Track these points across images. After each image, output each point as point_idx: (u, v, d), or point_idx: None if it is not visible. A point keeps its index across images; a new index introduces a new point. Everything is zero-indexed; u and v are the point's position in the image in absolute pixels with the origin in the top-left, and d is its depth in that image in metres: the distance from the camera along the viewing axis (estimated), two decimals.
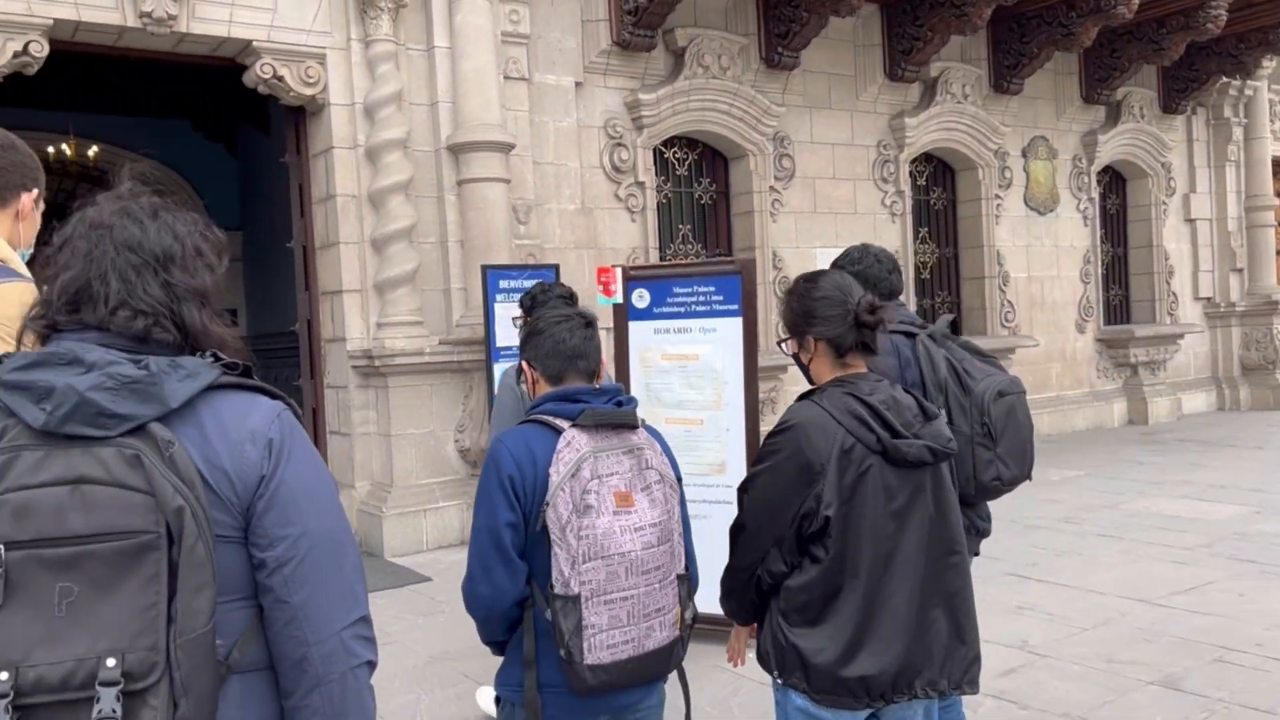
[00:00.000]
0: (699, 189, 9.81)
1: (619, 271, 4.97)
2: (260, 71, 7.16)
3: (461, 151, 7.52)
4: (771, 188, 9.87)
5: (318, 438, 7.83)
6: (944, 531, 2.20)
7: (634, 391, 5.02)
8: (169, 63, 7.52)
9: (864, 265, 3.05)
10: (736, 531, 2.31)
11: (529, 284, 7.44)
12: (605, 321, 8.62)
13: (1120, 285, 13.49)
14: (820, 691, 2.13)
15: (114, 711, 1.16)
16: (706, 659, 4.69)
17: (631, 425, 2.25)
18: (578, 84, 8.67)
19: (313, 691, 1.39)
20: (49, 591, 1.19)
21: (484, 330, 7.17)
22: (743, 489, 2.30)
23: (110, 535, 1.21)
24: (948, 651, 2.18)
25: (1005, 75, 11.35)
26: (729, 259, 4.94)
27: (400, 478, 7.33)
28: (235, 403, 1.38)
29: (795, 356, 2.38)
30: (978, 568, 2.67)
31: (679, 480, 2.32)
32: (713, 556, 4.95)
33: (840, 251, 3.27)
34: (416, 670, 4.84)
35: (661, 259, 9.21)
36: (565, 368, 2.33)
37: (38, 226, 2.03)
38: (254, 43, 7.05)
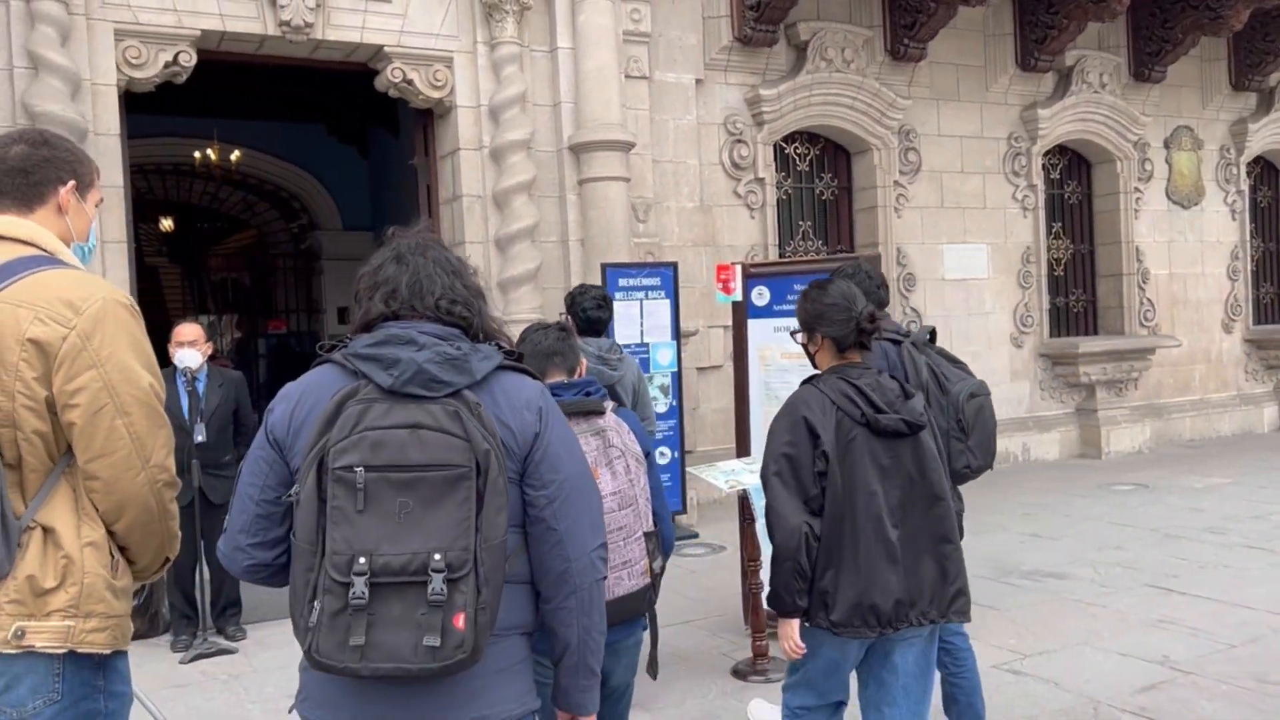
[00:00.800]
0: (820, 185, 9.67)
1: (738, 269, 4.93)
2: (391, 75, 7.38)
3: (583, 151, 7.60)
4: (896, 182, 9.65)
5: None
6: (927, 489, 2.64)
7: (752, 389, 4.97)
8: (304, 69, 7.82)
9: (856, 280, 3.38)
10: (776, 505, 2.64)
11: (648, 282, 7.49)
12: (724, 319, 8.62)
13: (1272, 282, 12.70)
14: (840, 625, 2.59)
15: (441, 591, 1.60)
16: None
17: (598, 411, 2.63)
18: (698, 81, 8.64)
19: (570, 596, 1.85)
20: (392, 504, 1.62)
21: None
22: (768, 471, 2.69)
23: (438, 466, 1.64)
24: (935, 588, 2.63)
25: (1146, 63, 10.81)
26: (851, 254, 4.83)
27: None
28: (514, 379, 1.85)
29: (804, 347, 2.90)
30: (1114, 578, 2.64)
31: (648, 454, 2.69)
32: None
33: (961, 246, 3.45)
34: None
35: (781, 256, 9.11)
36: (545, 365, 2.72)
37: (91, 218, 2.07)
38: (385, 48, 7.27)
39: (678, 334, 7.44)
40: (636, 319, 7.29)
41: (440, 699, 1.73)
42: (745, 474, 4.49)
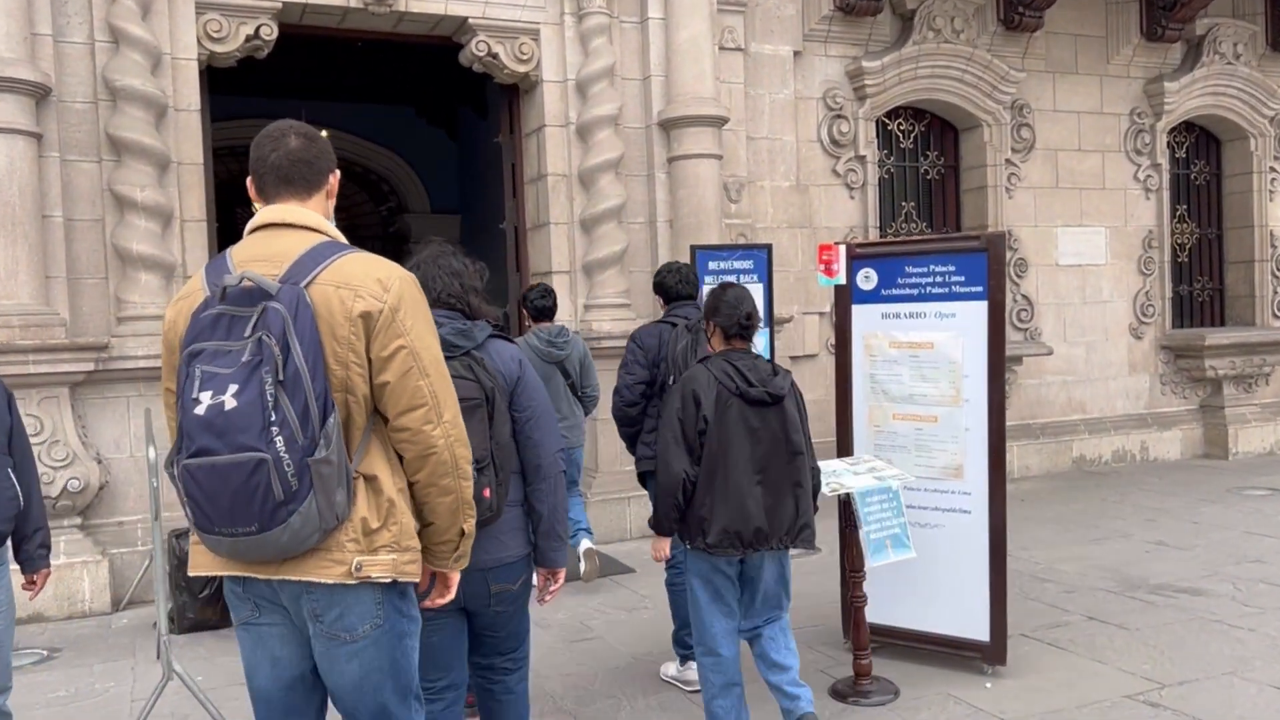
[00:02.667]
0: (925, 163, 9.10)
1: (843, 250, 4.49)
2: (475, 49, 7.09)
3: (673, 127, 7.21)
4: (1008, 161, 9.02)
5: None
6: (787, 445, 3.46)
7: (857, 382, 4.54)
8: (390, 43, 7.59)
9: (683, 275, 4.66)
10: (665, 455, 3.35)
11: (740, 265, 7.07)
12: (821, 305, 8.19)
13: None
14: (713, 547, 3.32)
15: (475, 478, 2.32)
16: (930, 684, 4.18)
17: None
18: (796, 53, 8.17)
19: (543, 481, 2.81)
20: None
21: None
22: (664, 431, 3.38)
23: (463, 399, 2.36)
24: (790, 520, 3.42)
25: None
26: (973, 234, 4.35)
27: (605, 463, 7.13)
28: (501, 344, 2.86)
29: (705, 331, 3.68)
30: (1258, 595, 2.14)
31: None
32: (943, 568, 4.45)
33: (1077, 230, 3.06)
34: (618, 671, 4.58)
35: (882, 238, 8.59)
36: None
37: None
38: (469, 20, 6.99)
39: (771, 320, 7.01)
40: None
41: (479, 542, 2.54)
42: (848, 476, 4.07)
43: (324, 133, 12.64)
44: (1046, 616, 5.07)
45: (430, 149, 13.96)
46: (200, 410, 1.95)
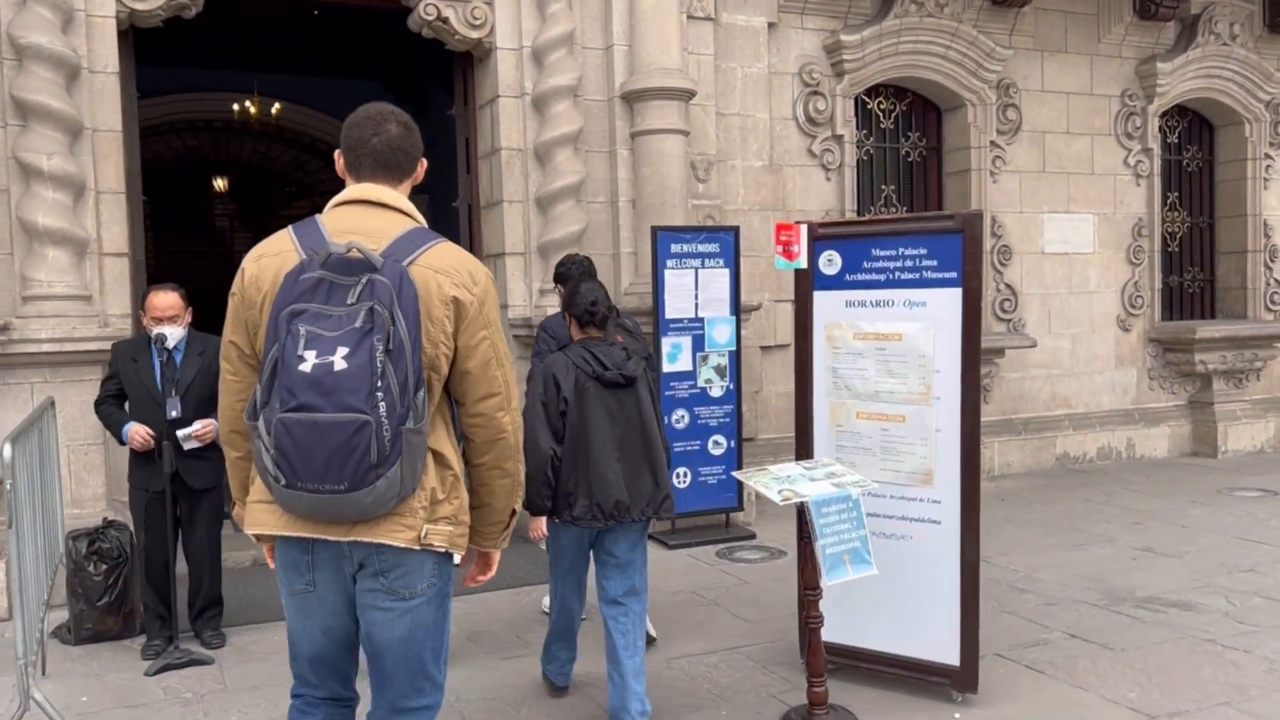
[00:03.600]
0: (906, 145, 8.65)
1: (803, 230, 4.04)
2: (424, 13, 6.60)
3: (636, 100, 6.74)
4: (993, 143, 8.58)
5: None
6: (644, 427, 3.67)
7: (818, 377, 4.09)
8: (349, 10, 7.09)
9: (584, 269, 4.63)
10: (532, 435, 3.49)
11: (704, 248, 6.62)
12: (786, 292, 7.76)
13: None
14: (578, 519, 3.55)
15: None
16: (893, 713, 3.76)
17: None
18: (770, 25, 7.70)
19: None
20: None
21: (653, 299, 6.38)
22: (530, 414, 3.53)
23: None
24: (650, 493, 3.66)
25: None
26: (946, 214, 3.90)
27: None
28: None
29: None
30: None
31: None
32: (910, 584, 4.01)
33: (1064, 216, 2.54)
34: None
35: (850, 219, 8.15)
36: None
37: None
38: None
39: (737, 308, 6.56)
40: (690, 290, 6.43)
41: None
42: (804, 482, 3.63)
43: (276, 105, 12.13)
44: (1024, 634, 4.65)
45: None
46: (305, 368, 2.01)
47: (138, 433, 4.50)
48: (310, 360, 2.01)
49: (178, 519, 4.70)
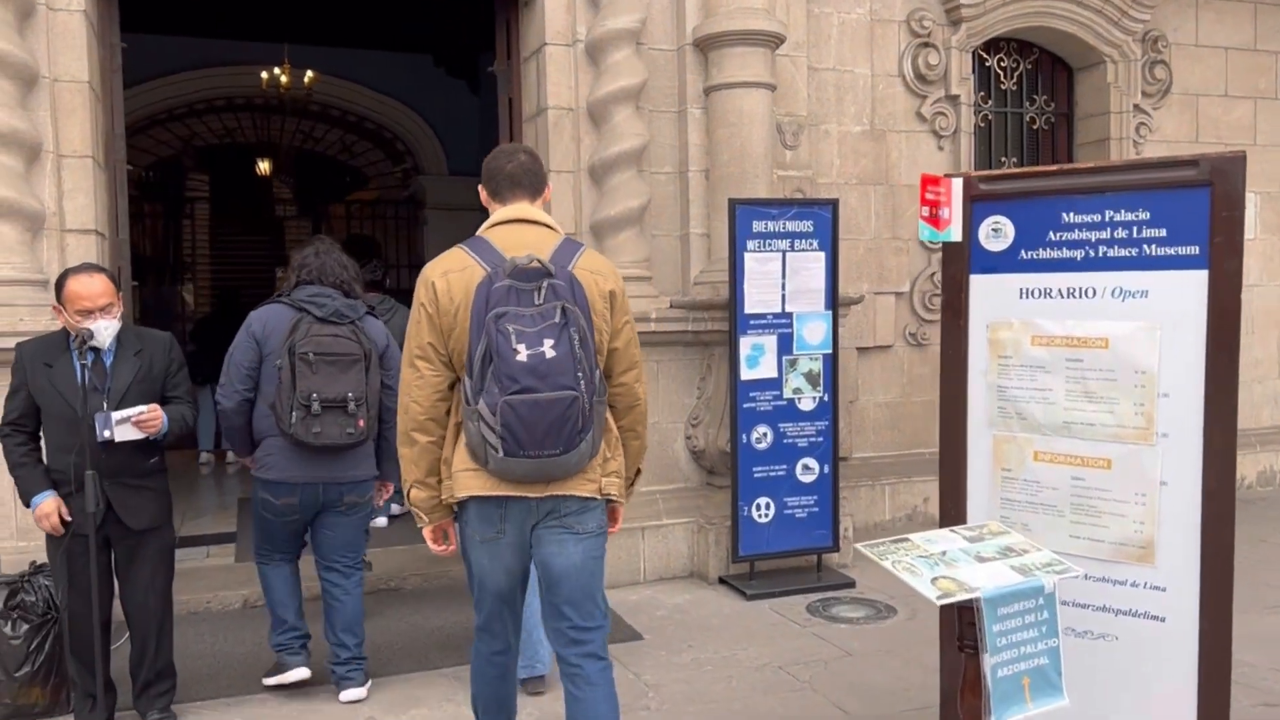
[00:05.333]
0: (1031, 109, 7.28)
1: (957, 184, 2.80)
2: None
3: (712, 46, 5.53)
4: (1136, 107, 7.18)
5: None
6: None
7: (975, 398, 2.85)
8: None
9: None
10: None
11: (794, 226, 5.36)
12: (902, 283, 6.52)
13: None
14: None
15: (354, 410, 3.74)
16: None
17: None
18: None
19: (391, 417, 3.43)
20: (328, 370, 3.72)
21: (729, 290, 5.17)
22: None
23: (348, 355, 3.78)
24: None
25: None
26: (1187, 159, 2.58)
27: None
28: (373, 320, 3.99)
29: None
30: None
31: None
32: (1118, 703, 2.72)
33: None
34: None
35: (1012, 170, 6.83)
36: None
37: None
38: None
39: (834, 301, 5.31)
40: (776, 279, 5.20)
41: (346, 460, 3.84)
42: (966, 563, 2.39)
43: (309, 74, 11.06)
44: None
45: (450, 104, 12.40)
46: (521, 358, 2.50)
47: (46, 516, 3.46)
48: (524, 352, 2.48)
49: (112, 568, 3.63)
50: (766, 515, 5.25)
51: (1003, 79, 7.17)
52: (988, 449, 2.83)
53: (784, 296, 5.21)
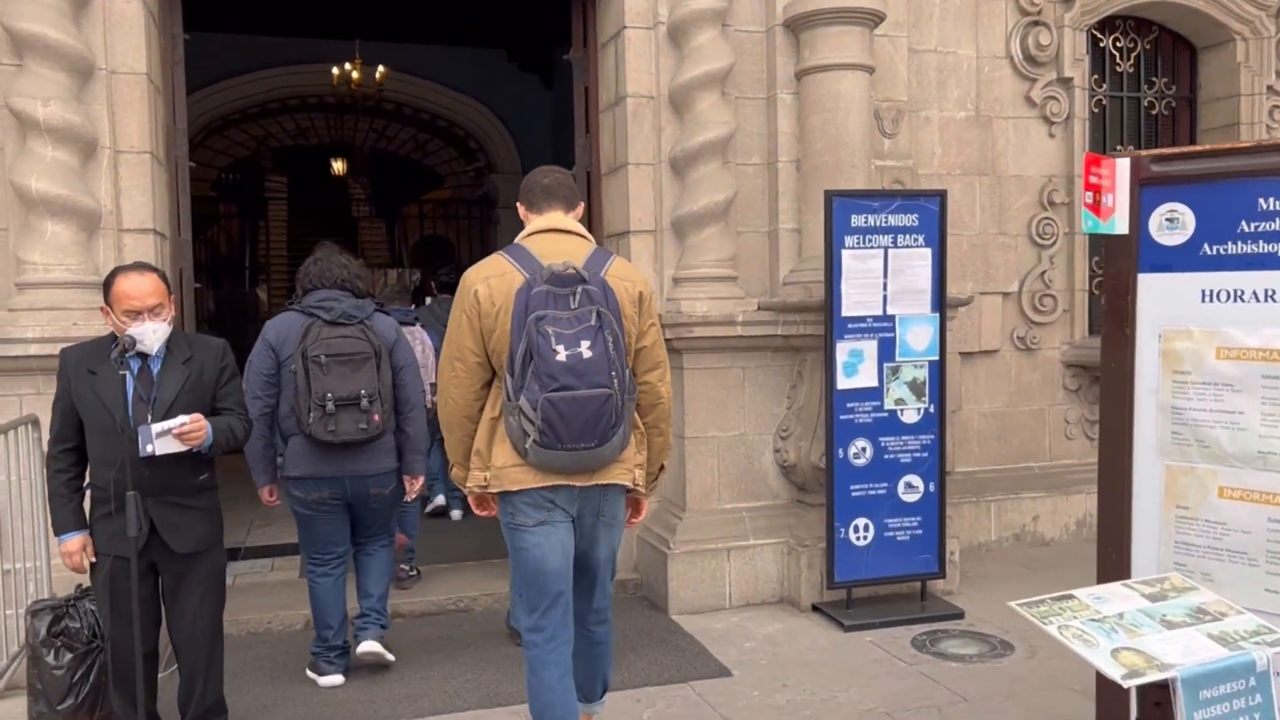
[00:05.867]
0: (1149, 93, 6.68)
1: (1124, 166, 2.33)
2: None
3: (804, 26, 5.09)
4: (1270, 88, 6.53)
5: None
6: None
7: (1143, 420, 2.38)
8: None
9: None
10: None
11: (898, 220, 4.88)
12: (1009, 282, 6.02)
13: None
14: None
15: (367, 407, 3.89)
16: None
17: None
18: None
19: (411, 411, 4.12)
20: (340, 370, 3.88)
21: (824, 290, 4.73)
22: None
23: (359, 354, 3.93)
24: None
25: None
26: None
27: (696, 498, 5.10)
28: (381, 316, 4.15)
29: None
30: None
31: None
32: None
33: None
34: None
35: (1187, 149, 6.27)
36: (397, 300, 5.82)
37: None
38: None
39: (942, 302, 4.84)
40: (877, 278, 4.75)
41: (365, 455, 3.97)
42: (1151, 629, 1.93)
43: (380, 69, 10.80)
44: None
45: (523, 100, 12.13)
46: (561, 358, 2.69)
47: (69, 554, 3.26)
48: (563, 352, 2.70)
49: (159, 595, 3.35)
50: (865, 538, 4.80)
51: (1119, 60, 6.58)
52: (1158, 482, 2.36)
53: (885, 297, 4.76)
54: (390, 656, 4.21)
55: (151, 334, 3.17)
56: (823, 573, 4.85)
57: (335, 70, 9.67)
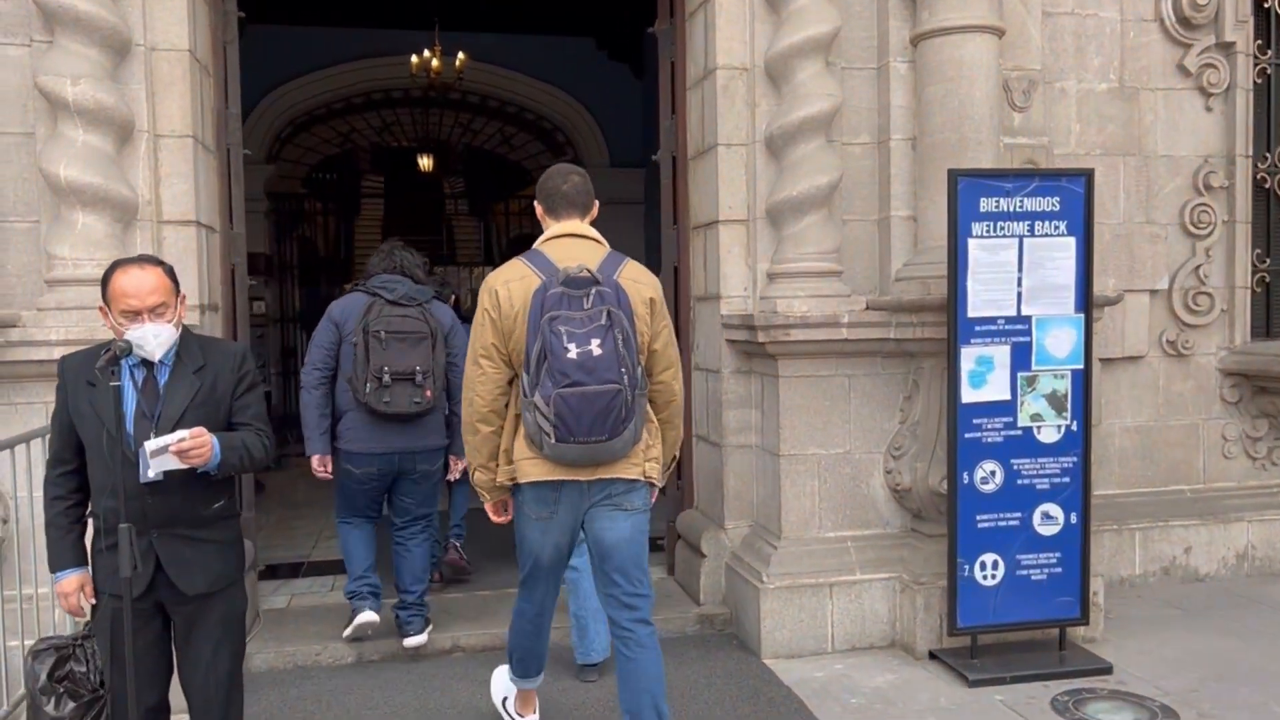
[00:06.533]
0: None
1: None
2: None
3: None
4: None
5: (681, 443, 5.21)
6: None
7: None
8: None
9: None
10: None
11: (1035, 205, 4.15)
12: (1157, 278, 4.94)
13: None
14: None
15: (421, 381, 4.17)
16: None
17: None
18: None
19: (459, 391, 3.54)
20: (398, 346, 4.16)
21: (946, 287, 4.06)
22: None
23: (416, 332, 4.23)
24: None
25: None
26: None
27: (793, 525, 4.48)
28: (439, 304, 4.46)
29: None
30: None
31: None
32: None
33: None
34: None
35: (1254, 175, 5.43)
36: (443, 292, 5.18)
37: None
38: None
39: (1087, 300, 4.12)
40: (1010, 272, 4.06)
41: (415, 430, 4.20)
42: None
43: (460, 55, 10.30)
44: None
45: (612, 90, 11.63)
46: (573, 355, 2.83)
47: (64, 595, 2.84)
48: (574, 350, 2.83)
49: (169, 639, 2.90)
50: (993, 576, 4.11)
51: None
52: None
53: (1020, 295, 4.06)
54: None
55: (152, 338, 2.70)
56: (942, 615, 4.18)
57: (414, 59, 9.26)
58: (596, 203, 3.20)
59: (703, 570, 4.78)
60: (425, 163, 13.23)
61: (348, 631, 4.35)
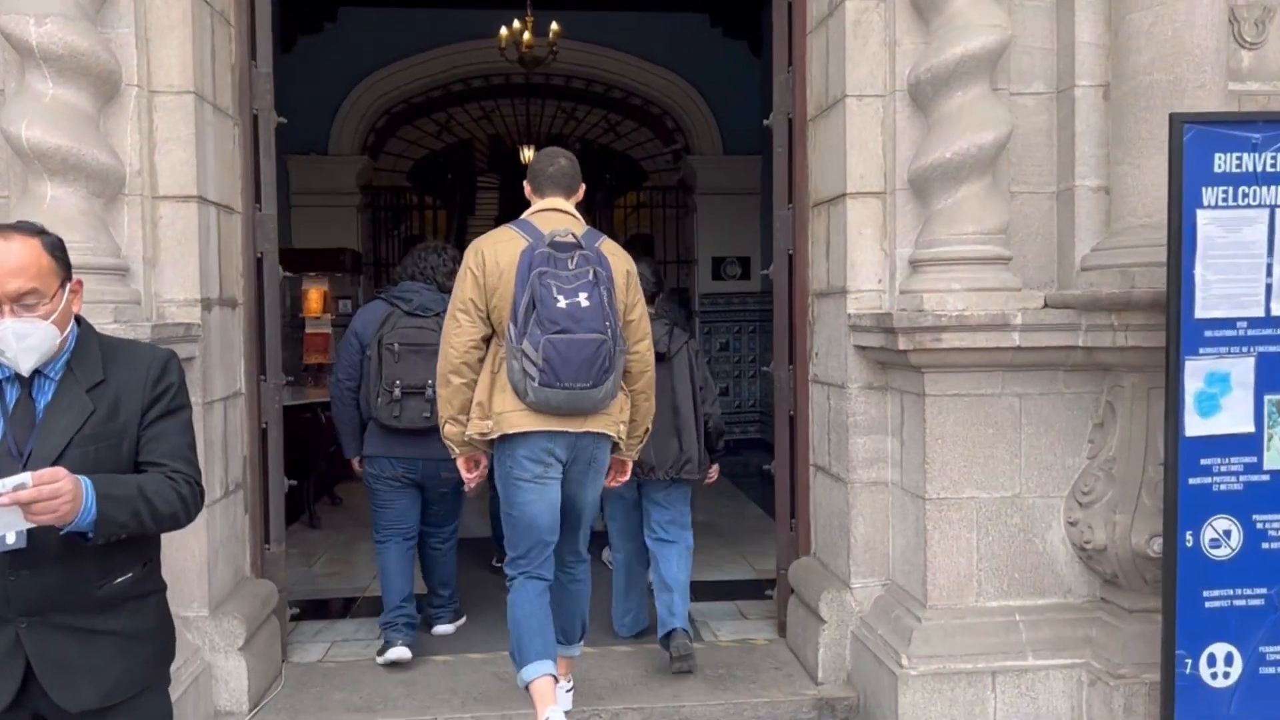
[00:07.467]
0: None
1: None
2: None
3: None
4: None
5: (795, 472, 4.20)
6: (674, 398, 4.04)
7: None
8: None
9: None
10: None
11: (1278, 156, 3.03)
12: None
13: None
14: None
15: (432, 396, 3.78)
16: None
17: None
18: None
19: None
20: (412, 359, 4.04)
21: (1169, 276, 2.94)
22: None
23: (430, 345, 3.72)
24: (675, 457, 4.06)
25: None
26: None
27: (942, 591, 3.41)
28: None
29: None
30: None
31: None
32: None
33: None
34: None
35: None
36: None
37: None
38: None
39: None
40: (1257, 256, 2.92)
41: (435, 442, 3.60)
42: None
43: (554, 27, 9.35)
44: None
45: (727, 71, 10.67)
46: (562, 305, 3.01)
47: None
48: (563, 301, 3.01)
49: None
50: (1228, 673, 2.98)
51: None
52: None
53: (1270, 288, 2.92)
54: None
55: (13, 340, 1.88)
56: None
57: (504, 30, 8.47)
58: (583, 186, 3.40)
59: (821, 639, 3.75)
60: (527, 155, 12.50)
61: (379, 658, 4.11)
